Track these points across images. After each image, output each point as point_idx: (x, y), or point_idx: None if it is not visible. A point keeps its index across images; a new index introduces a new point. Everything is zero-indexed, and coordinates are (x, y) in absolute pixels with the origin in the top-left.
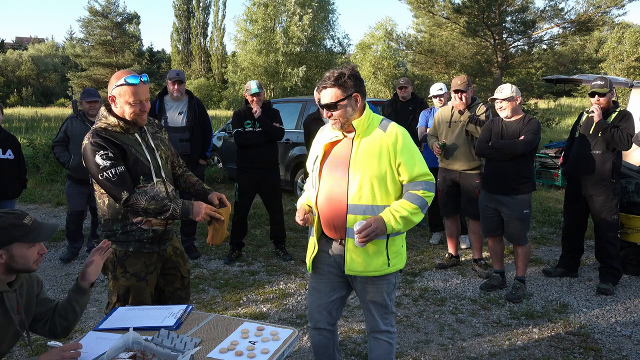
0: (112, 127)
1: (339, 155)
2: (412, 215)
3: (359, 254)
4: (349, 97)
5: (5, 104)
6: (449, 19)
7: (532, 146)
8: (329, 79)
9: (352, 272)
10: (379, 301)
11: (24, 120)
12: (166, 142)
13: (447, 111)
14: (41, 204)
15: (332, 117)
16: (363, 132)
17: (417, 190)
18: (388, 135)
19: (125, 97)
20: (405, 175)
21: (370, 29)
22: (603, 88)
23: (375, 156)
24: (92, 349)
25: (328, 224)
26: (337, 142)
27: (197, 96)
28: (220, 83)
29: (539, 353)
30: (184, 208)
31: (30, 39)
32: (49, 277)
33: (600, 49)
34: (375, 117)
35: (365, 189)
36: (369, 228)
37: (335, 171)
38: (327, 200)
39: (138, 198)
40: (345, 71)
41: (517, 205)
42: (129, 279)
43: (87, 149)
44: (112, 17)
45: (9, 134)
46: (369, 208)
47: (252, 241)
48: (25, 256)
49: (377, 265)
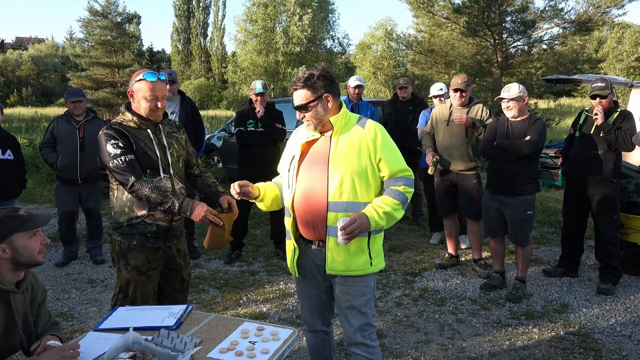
0: (127, 122)
1: (317, 153)
2: (394, 212)
3: (340, 252)
4: (319, 98)
5: (5, 104)
6: (449, 19)
7: (538, 147)
8: (299, 80)
9: (333, 271)
10: (357, 306)
11: (24, 120)
12: (182, 143)
13: (445, 109)
14: (41, 204)
15: (305, 119)
16: (341, 129)
17: (398, 186)
18: (367, 132)
19: (142, 92)
20: (385, 171)
21: (370, 29)
22: (604, 90)
23: (355, 152)
24: (92, 349)
25: (306, 224)
26: (315, 141)
27: (197, 96)
28: (220, 83)
29: (539, 353)
30: (184, 205)
31: (30, 39)
32: (49, 277)
33: (600, 49)
34: (352, 116)
35: (346, 185)
36: (353, 224)
37: (313, 169)
38: (305, 198)
39: (143, 185)
40: (315, 72)
41: (521, 207)
42: (130, 272)
43: (101, 139)
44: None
45: (8, 134)
46: (350, 205)
47: (252, 241)
48: (28, 247)
49: (359, 264)
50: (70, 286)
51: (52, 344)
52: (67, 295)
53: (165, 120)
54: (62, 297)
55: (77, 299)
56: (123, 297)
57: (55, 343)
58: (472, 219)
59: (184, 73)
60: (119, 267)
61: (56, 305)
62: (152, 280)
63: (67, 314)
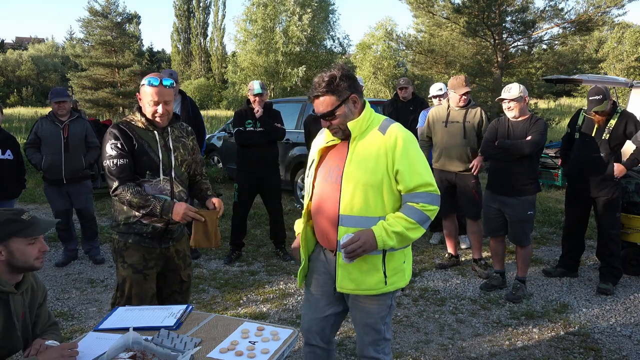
0: (135, 122)
1: (334, 160)
2: (407, 231)
3: (351, 270)
4: (345, 101)
5: (5, 104)
6: (449, 19)
7: (539, 147)
8: (320, 85)
9: (343, 289)
10: (371, 324)
11: (24, 120)
12: (189, 148)
13: (442, 110)
14: (41, 204)
15: (331, 127)
16: (360, 135)
17: (415, 203)
18: (387, 139)
19: (146, 97)
20: (402, 185)
21: (370, 29)
22: (603, 103)
23: (371, 162)
24: (92, 349)
25: (321, 233)
26: (334, 146)
27: (197, 96)
28: (220, 83)
29: (539, 353)
30: (165, 206)
31: (30, 39)
32: (49, 277)
33: (600, 49)
34: (376, 118)
35: (358, 198)
36: (355, 243)
37: (328, 177)
38: (319, 208)
39: (125, 190)
40: (335, 72)
41: (522, 207)
42: (126, 269)
43: (105, 136)
44: (112, 17)
45: (8, 134)
46: (361, 220)
47: (252, 241)
48: (25, 252)
49: (372, 283)
50: (70, 286)
51: (51, 344)
52: (67, 295)
53: (177, 124)
54: (62, 297)
55: (77, 299)
56: (120, 294)
57: (54, 343)
58: (472, 219)
59: (184, 73)
60: (117, 266)
61: (56, 305)
62: (150, 280)
63: (67, 314)
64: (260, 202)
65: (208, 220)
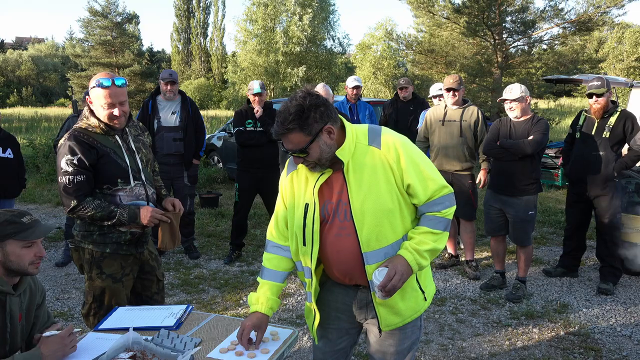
0: (93, 128)
1: (335, 195)
2: (436, 243)
3: (392, 304)
4: (318, 135)
5: (5, 104)
6: (449, 19)
7: (541, 146)
8: (286, 120)
9: (389, 327)
10: (401, 350)
11: (24, 120)
12: (147, 146)
13: (439, 110)
14: (41, 204)
15: (307, 163)
16: (352, 159)
17: (436, 212)
18: (386, 152)
19: (98, 100)
20: (418, 198)
21: (370, 29)
22: (600, 88)
23: (378, 185)
24: (92, 349)
25: (344, 276)
26: (327, 181)
27: (197, 96)
28: (220, 83)
29: (539, 353)
30: (130, 213)
31: (30, 39)
32: (49, 277)
33: (600, 49)
34: (359, 133)
35: (378, 229)
36: (393, 279)
37: (336, 217)
38: (334, 254)
39: (85, 207)
40: (301, 102)
41: (523, 206)
42: (104, 280)
43: (60, 149)
44: (112, 17)
45: (8, 134)
46: (388, 249)
47: (252, 241)
48: (20, 256)
49: (414, 306)
50: (70, 286)
51: (49, 334)
52: (67, 295)
53: (130, 122)
54: (62, 297)
55: (77, 299)
56: (98, 305)
57: (52, 332)
58: (466, 220)
59: (184, 73)
60: (91, 276)
61: (56, 305)
62: (126, 287)
63: (67, 314)
64: (260, 202)
65: (173, 221)
